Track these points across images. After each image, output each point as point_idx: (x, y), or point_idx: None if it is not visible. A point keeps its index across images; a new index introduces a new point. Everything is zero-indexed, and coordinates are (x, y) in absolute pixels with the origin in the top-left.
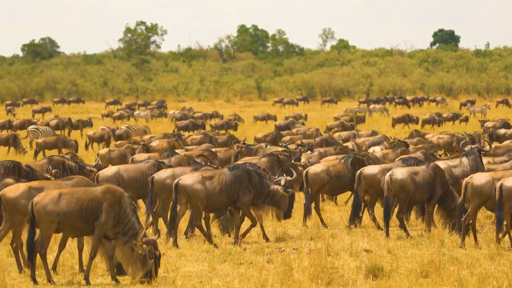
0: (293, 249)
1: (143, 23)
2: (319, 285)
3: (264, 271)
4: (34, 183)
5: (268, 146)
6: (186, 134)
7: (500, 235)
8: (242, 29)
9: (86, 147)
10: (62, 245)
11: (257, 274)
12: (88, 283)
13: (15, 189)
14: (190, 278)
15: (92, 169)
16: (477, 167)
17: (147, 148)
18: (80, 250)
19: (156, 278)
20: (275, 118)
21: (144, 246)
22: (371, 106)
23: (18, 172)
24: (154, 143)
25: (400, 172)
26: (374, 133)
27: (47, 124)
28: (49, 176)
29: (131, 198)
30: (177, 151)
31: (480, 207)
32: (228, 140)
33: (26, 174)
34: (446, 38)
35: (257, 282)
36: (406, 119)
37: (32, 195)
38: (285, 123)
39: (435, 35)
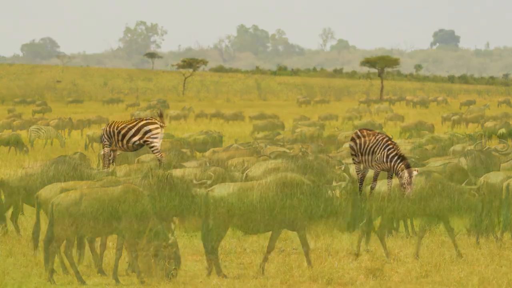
0: (293, 249)
1: (143, 23)
2: (319, 285)
3: (264, 271)
4: (69, 184)
5: (268, 146)
6: (187, 134)
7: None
8: (242, 29)
9: (86, 147)
10: (102, 246)
11: (257, 274)
12: (142, 282)
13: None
14: (190, 278)
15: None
16: (475, 168)
17: None
18: (102, 252)
19: (174, 279)
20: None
21: (169, 247)
22: (376, 106)
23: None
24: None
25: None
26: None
27: (48, 124)
28: None
29: (150, 198)
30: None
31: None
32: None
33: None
34: (446, 38)
35: (257, 282)
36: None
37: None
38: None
39: (435, 35)
